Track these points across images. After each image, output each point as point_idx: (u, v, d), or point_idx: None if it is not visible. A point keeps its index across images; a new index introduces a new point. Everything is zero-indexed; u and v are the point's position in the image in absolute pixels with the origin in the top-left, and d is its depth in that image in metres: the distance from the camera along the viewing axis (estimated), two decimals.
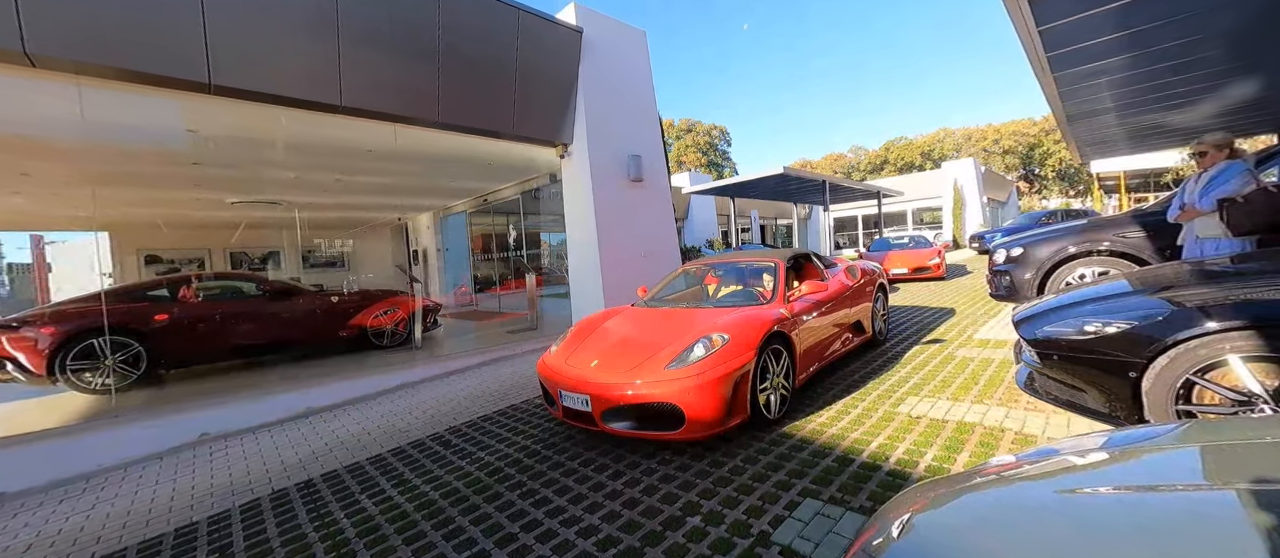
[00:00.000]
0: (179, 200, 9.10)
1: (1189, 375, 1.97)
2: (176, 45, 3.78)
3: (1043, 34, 4.32)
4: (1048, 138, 39.50)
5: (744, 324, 3.06)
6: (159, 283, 6.08)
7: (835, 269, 4.69)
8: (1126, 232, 4.40)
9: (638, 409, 2.76)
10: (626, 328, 3.51)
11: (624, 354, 3.07)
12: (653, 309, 3.93)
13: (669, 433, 2.67)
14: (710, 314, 3.42)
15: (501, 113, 5.96)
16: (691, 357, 2.80)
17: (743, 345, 2.87)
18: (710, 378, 2.67)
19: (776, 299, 3.57)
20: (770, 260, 4.11)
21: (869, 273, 4.94)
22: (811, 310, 3.66)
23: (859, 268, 4.84)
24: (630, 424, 2.78)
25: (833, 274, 4.51)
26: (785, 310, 3.37)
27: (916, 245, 11.47)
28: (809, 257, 4.60)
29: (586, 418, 2.90)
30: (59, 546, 2.55)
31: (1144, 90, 6.03)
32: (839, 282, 4.35)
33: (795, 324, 3.37)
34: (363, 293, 7.28)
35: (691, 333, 3.04)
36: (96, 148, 5.51)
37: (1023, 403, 3.09)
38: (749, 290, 4.06)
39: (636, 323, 3.58)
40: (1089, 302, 2.46)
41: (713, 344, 2.85)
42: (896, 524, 1.06)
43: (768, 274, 4.00)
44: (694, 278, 4.75)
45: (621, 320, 3.70)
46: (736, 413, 2.79)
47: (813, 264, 4.56)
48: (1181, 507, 0.94)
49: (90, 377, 4.94)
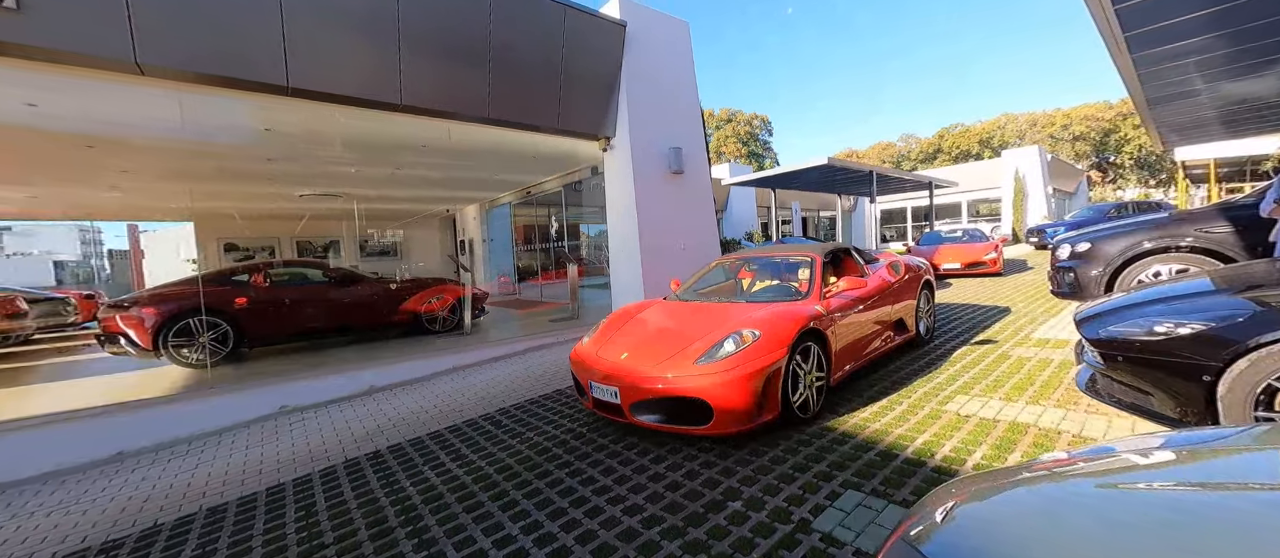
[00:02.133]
0: (254, 194, 9.89)
1: (1271, 381, 1.85)
2: (260, 53, 4.14)
3: (1120, 12, 4.03)
4: (1126, 122, 36.25)
5: (777, 320, 3.01)
6: (240, 269, 6.67)
7: (877, 265, 4.56)
8: (1211, 226, 4.07)
9: (666, 403, 2.78)
10: (658, 321, 3.52)
11: (654, 347, 3.08)
12: (685, 303, 3.91)
13: (697, 428, 2.69)
14: (743, 309, 3.39)
15: (547, 108, 6.13)
16: (722, 352, 2.79)
17: (775, 342, 2.83)
18: (740, 374, 2.66)
19: (812, 295, 3.50)
20: (807, 255, 4.02)
21: (913, 269, 4.77)
22: (849, 308, 3.58)
23: (903, 264, 4.68)
24: (659, 418, 2.81)
25: (874, 270, 4.38)
26: (821, 307, 3.30)
27: (970, 239, 10.90)
28: (848, 251, 4.50)
29: (615, 410, 2.94)
30: (173, 498, 2.93)
31: (1235, 70, 5.48)
32: (880, 278, 4.22)
33: (831, 322, 3.30)
34: (415, 280, 7.71)
35: (723, 328, 3.03)
36: (188, 147, 6.10)
37: (1083, 405, 2.95)
38: (785, 286, 4.02)
39: (668, 316, 3.58)
40: (1159, 301, 2.34)
41: (744, 340, 2.83)
42: (939, 512, 1.09)
43: (804, 269, 3.94)
44: (728, 272, 4.72)
45: (654, 313, 3.71)
46: (767, 410, 2.77)
47: (852, 259, 4.46)
48: (1248, 507, 0.91)
49: (187, 352, 5.54)
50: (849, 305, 3.59)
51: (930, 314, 4.96)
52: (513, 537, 2.17)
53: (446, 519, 2.37)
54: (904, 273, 4.51)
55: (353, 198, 10.98)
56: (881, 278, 4.23)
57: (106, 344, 5.56)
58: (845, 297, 3.61)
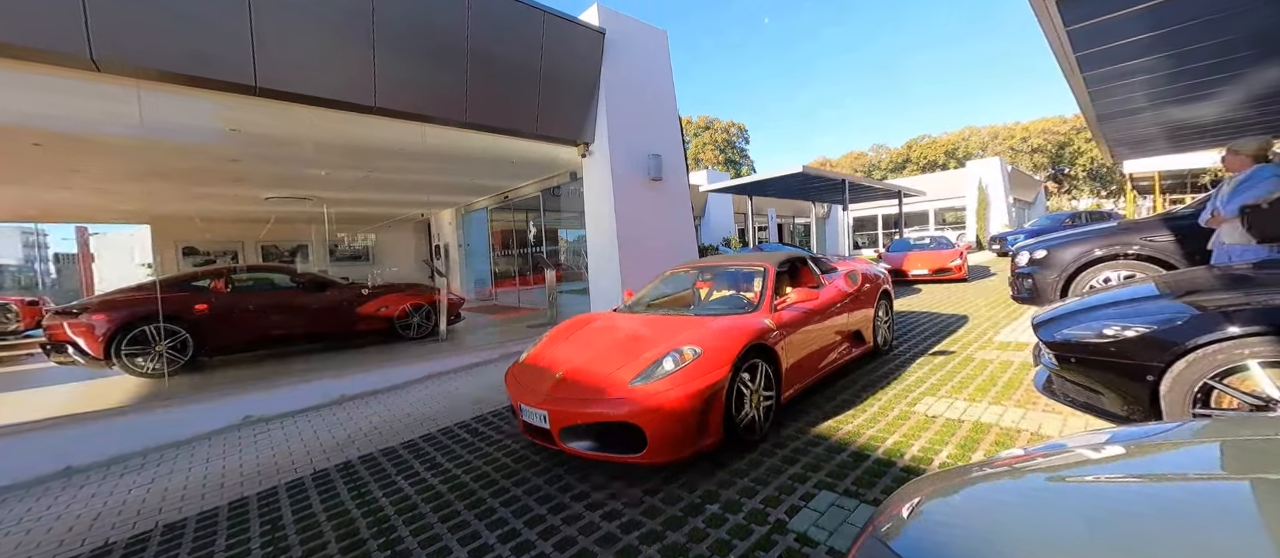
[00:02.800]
0: (217, 195, 9.51)
1: (1207, 380, 1.99)
2: (227, 51, 4.01)
3: (1071, 34, 4.27)
4: (1079, 136, 38.26)
5: (720, 336, 2.83)
6: (200, 274, 6.40)
7: (834, 275, 4.43)
8: (1156, 235, 4.34)
9: (597, 428, 2.54)
10: (601, 335, 3.30)
11: (591, 365, 2.84)
12: (634, 315, 3.70)
13: (630, 456, 2.44)
14: (688, 323, 3.18)
15: (525, 112, 6.11)
16: (658, 371, 2.57)
17: (716, 360, 2.63)
18: (676, 396, 2.43)
19: (762, 308, 3.31)
20: (759, 265, 3.83)
21: (872, 278, 4.64)
22: (801, 321, 3.41)
23: (860, 273, 4.47)
24: (590, 445, 2.55)
25: (831, 280, 4.26)
26: (770, 321, 3.13)
27: (938, 246, 11.31)
28: (805, 260, 4.33)
29: (545, 435, 2.68)
30: (126, 515, 2.78)
31: (1179, 89, 5.88)
32: (836, 288, 4.08)
33: (782, 336, 3.13)
34: (388, 286, 7.53)
35: (665, 343, 2.81)
36: (146, 146, 5.84)
37: (1041, 405, 3.10)
38: (736, 297, 3.83)
39: (613, 330, 3.36)
40: (1110, 305, 2.48)
41: (683, 358, 2.62)
42: (906, 509, 1.13)
43: (757, 280, 3.73)
44: (683, 281, 4.54)
45: (599, 326, 3.49)
46: (707, 435, 2.56)
47: (808, 269, 4.29)
48: (1187, 497, 0.97)
49: (143, 361, 5.27)
50: (801, 318, 3.42)
51: (889, 325, 4.83)
52: (490, 546, 2.14)
53: (421, 530, 2.32)
54: (861, 282, 4.31)
55: (323, 201, 10.67)
56: (837, 288, 4.09)
57: (52, 354, 5.24)
58: (797, 309, 3.45)
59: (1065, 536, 0.92)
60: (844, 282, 4.23)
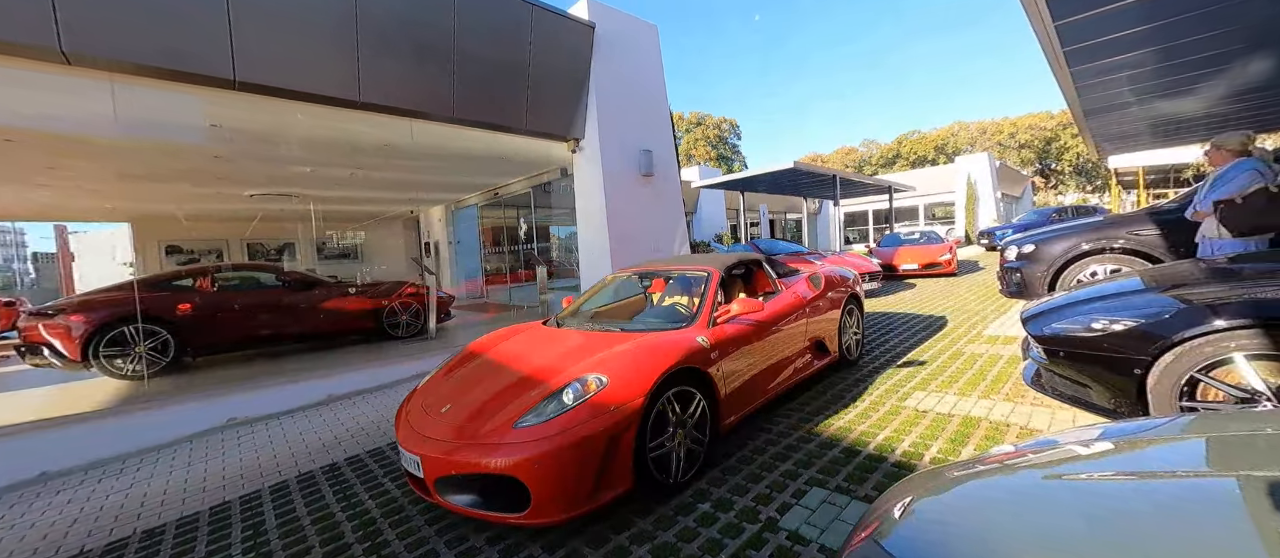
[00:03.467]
0: (199, 193, 9.32)
1: (1193, 373, 2.00)
2: (204, 44, 3.90)
3: (1059, 29, 4.29)
4: (1065, 132, 38.74)
5: (635, 360, 2.37)
6: (183, 273, 6.27)
7: (795, 277, 4.03)
8: (1141, 229, 4.38)
9: (475, 481, 2.06)
10: (510, 357, 2.84)
11: (484, 398, 2.39)
12: (558, 331, 3.24)
13: (512, 515, 1.98)
14: (610, 342, 2.72)
15: (514, 108, 6.03)
16: (550, 409, 2.12)
17: (627, 390, 2.19)
18: (567, 440, 1.99)
19: (698, 322, 2.86)
20: (703, 270, 3.38)
21: (837, 282, 4.23)
22: (747, 334, 2.97)
23: (824, 276, 4.12)
24: (471, 499, 2.08)
25: (791, 283, 3.86)
26: (705, 338, 2.70)
27: (928, 241, 11.39)
28: (759, 262, 3.90)
29: (422, 485, 2.20)
30: (102, 521, 2.70)
31: (1165, 84, 5.94)
32: (793, 295, 3.64)
33: (719, 354, 2.70)
34: (376, 284, 7.44)
35: (567, 371, 2.38)
36: (124, 142, 5.69)
37: (1030, 399, 3.12)
38: (674, 308, 3.41)
39: (526, 350, 2.90)
40: (1097, 299, 2.49)
41: (586, 390, 2.17)
42: (898, 508, 1.12)
43: (697, 287, 3.29)
44: (626, 287, 4.10)
45: (511, 346, 3.02)
46: (611, 484, 2.10)
47: (763, 272, 3.87)
48: (1177, 493, 0.97)
49: (122, 363, 5.14)
50: (747, 332, 2.98)
51: (858, 331, 4.38)
52: (478, 549, 2.11)
53: (408, 533, 2.28)
54: (824, 286, 3.96)
55: (309, 198, 10.50)
56: (795, 294, 3.67)
57: (27, 356, 5.11)
58: (742, 321, 3.00)
59: (1058, 534, 0.92)
60: (805, 286, 3.86)
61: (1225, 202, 3.18)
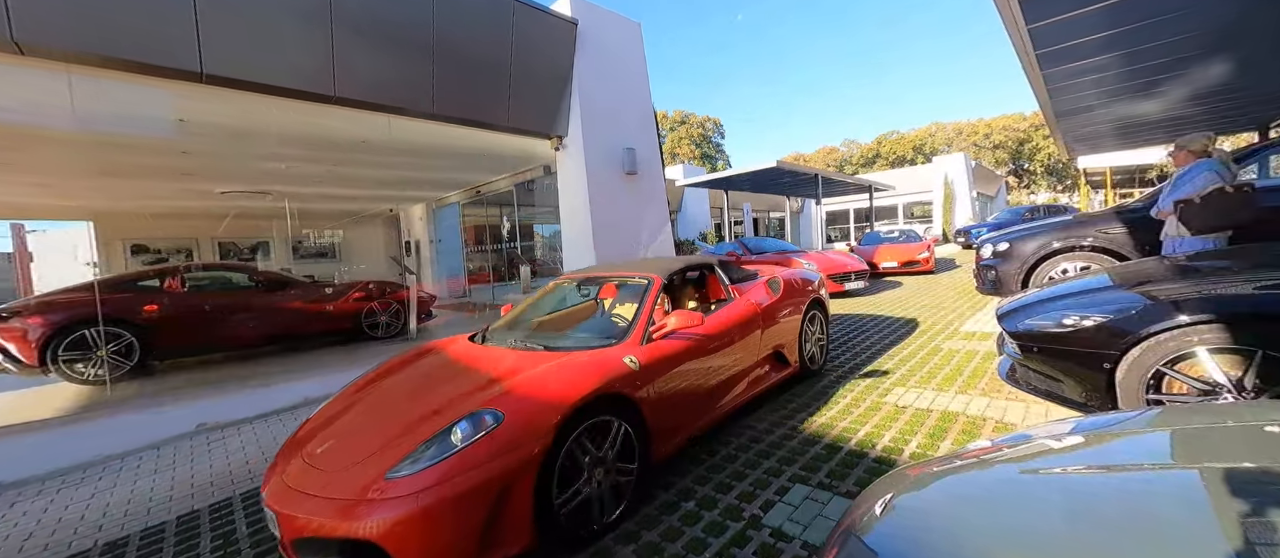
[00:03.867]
0: (167, 190, 8.98)
1: (1159, 367, 2.07)
2: (168, 34, 3.74)
3: (1032, 32, 4.40)
4: (1037, 133, 39.91)
5: (542, 389, 2.03)
6: (149, 273, 6.04)
7: (752, 282, 3.72)
8: (1109, 228, 4.53)
9: (333, 546, 1.69)
10: (410, 384, 2.50)
11: (366, 436, 2.01)
12: (481, 347, 2.85)
13: None
14: (525, 364, 2.35)
15: (496, 104, 5.95)
16: (429, 454, 1.75)
17: (526, 428, 1.85)
18: (444, 494, 1.65)
19: (630, 338, 2.55)
20: (644, 276, 3.05)
21: (798, 286, 3.88)
22: (687, 351, 2.66)
23: (783, 280, 3.78)
24: None
25: (748, 288, 3.56)
26: (635, 357, 2.38)
27: (907, 239, 11.63)
28: (711, 268, 3.59)
29: (279, 544, 1.85)
30: (60, 534, 2.58)
31: (1129, 88, 6.16)
32: (746, 304, 3.32)
33: (653, 375, 2.40)
34: (353, 283, 7.28)
35: (463, 403, 2.00)
36: (84, 137, 5.43)
37: (1005, 393, 3.20)
38: (607, 321, 3.14)
39: (431, 373, 2.57)
40: (1068, 296, 2.56)
41: (476, 429, 1.80)
42: (879, 504, 1.13)
43: (641, 296, 2.90)
44: (566, 295, 3.75)
45: (422, 366, 2.71)
46: (501, 543, 1.77)
47: (715, 279, 3.54)
48: (1144, 485, 1.01)
49: (83, 367, 4.93)
50: (686, 348, 2.66)
51: (822, 339, 4.07)
52: None
53: None
54: (783, 292, 3.65)
55: (284, 196, 10.20)
56: (748, 303, 3.35)
57: None
58: (681, 336, 2.67)
59: (1033, 527, 0.94)
60: (761, 292, 3.55)
61: (1185, 201, 3.30)
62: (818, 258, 8.78)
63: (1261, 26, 4.46)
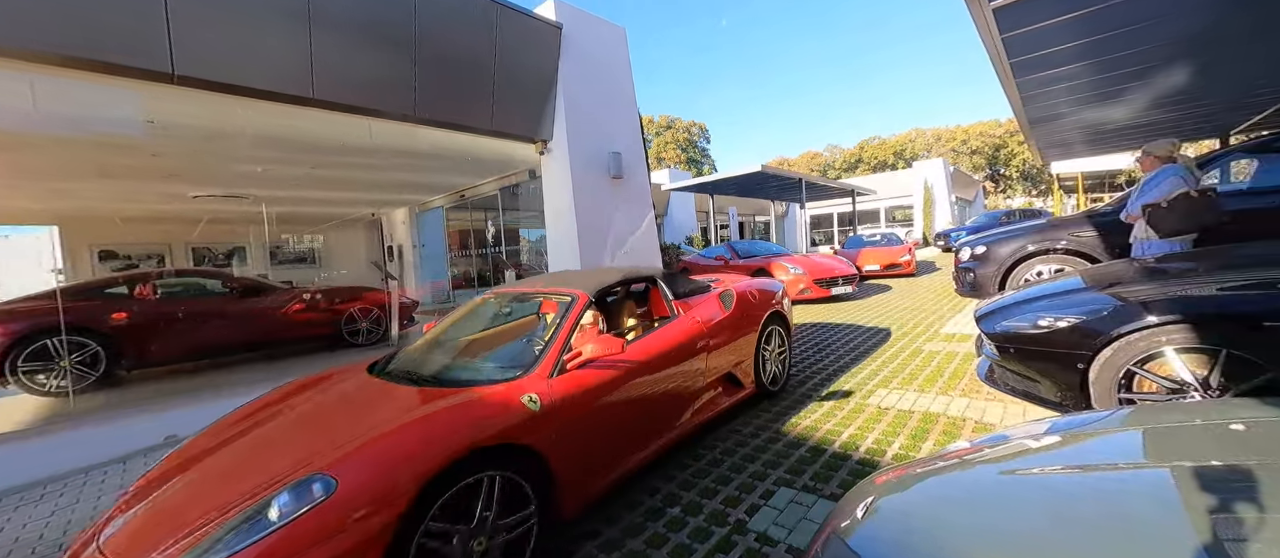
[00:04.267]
0: (137, 193, 8.69)
1: (1130, 366, 2.12)
2: (137, 33, 3.63)
3: (1006, 41, 4.52)
4: (1012, 139, 41.02)
5: (395, 448, 1.62)
6: (116, 280, 5.83)
7: (702, 295, 3.34)
8: (1080, 231, 4.66)
9: None
10: (265, 432, 2.04)
11: (183, 506, 1.62)
12: (371, 380, 2.39)
13: None
14: (395, 406, 1.99)
15: (479, 108, 5.89)
16: (231, 539, 1.38)
17: (372, 499, 1.48)
18: None
19: (537, 369, 2.13)
20: (569, 293, 2.64)
21: (755, 299, 3.52)
22: (609, 383, 2.27)
23: (737, 293, 3.41)
24: None
25: (697, 302, 3.19)
26: (538, 395, 1.99)
27: (888, 242, 11.84)
28: (654, 281, 3.18)
29: None
30: (17, 554, 2.46)
31: (1099, 95, 6.36)
32: (690, 323, 2.94)
33: (560, 416, 2.01)
34: (334, 289, 7.13)
35: (297, 467, 1.59)
36: (46, 139, 5.23)
37: (984, 394, 3.25)
38: (519, 347, 2.72)
39: (303, 418, 2.10)
40: (1044, 298, 2.62)
41: (305, 499, 1.44)
42: (861, 507, 1.13)
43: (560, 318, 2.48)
44: (488, 313, 3.26)
45: (289, 407, 2.26)
46: None
47: (659, 294, 3.15)
48: (1118, 484, 1.03)
49: (45, 379, 4.73)
50: (607, 380, 2.27)
51: (784, 354, 3.72)
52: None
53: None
54: (736, 307, 3.30)
55: (260, 200, 9.96)
56: (692, 321, 2.97)
57: None
58: (603, 364, 2.28)
59: (1012, 526, 0.96)
60: (711, 307, 3.19)
61: (1152, 205, 3.41)
62: (804, 262, 8.63)
63: (1223, 37, 4.65)
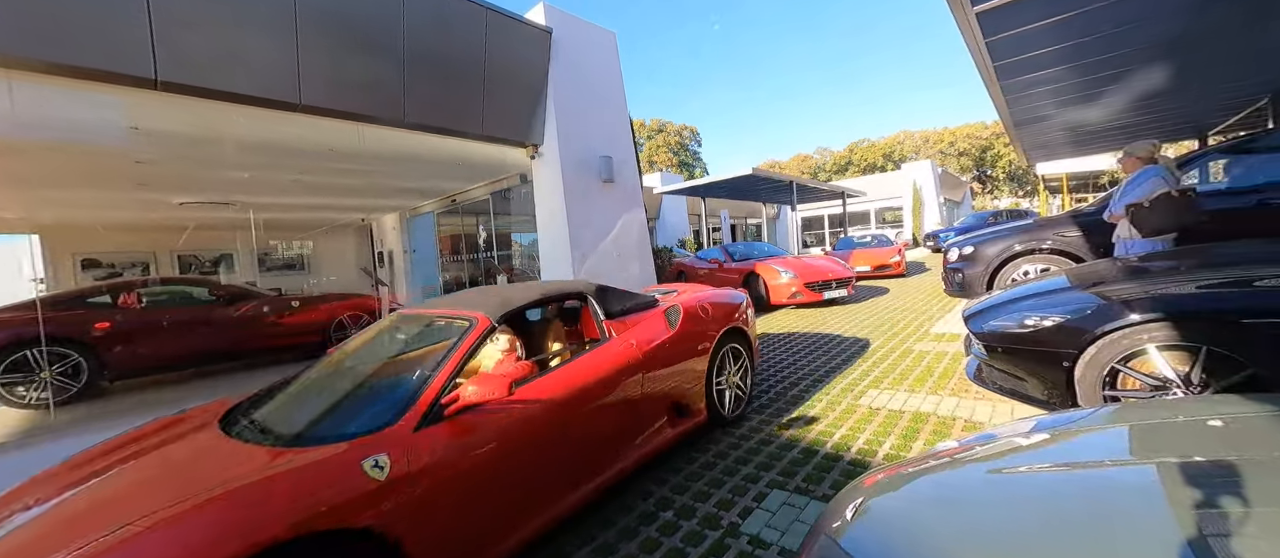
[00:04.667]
0: (120, 201, 8.56)
1: (1114, 364, 2.15)
2: (119, 39, 3.58)
3: (990, 45, 4.60)
4: (999, 141, 41.64)
5: (175, 536, 1.25)
6: (99, 289, 5.72)
7: (646, 311, 2.89)
8: (1065, 231, 4.73)
9: None
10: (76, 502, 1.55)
11: None
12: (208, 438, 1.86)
13: None
14: (210, 475, 1.49)
15: (470, 113, 5.88)
16: None
17: None
18: None
19: (401, 421, 1.70)
20: (467, 316, 2.24)
21: (708, 314, 3.09)
22: (499, 430, 1.86)
23: (685, 308, 2.97)
24: None
25: (638, 320, 2.76)
26: (382, 461, 1.55)
27: (879, 244, 11.95)
28: (583, 298, 2.74)
29: None
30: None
31: (1080, 98, 6.48)
32: (622, 348, 2.50)
33: (426, 481, 1.60)
34: (322, 296, 7.05)
35: None
36: (25, 145, 5.14)
37: (973, 393, 3.28)
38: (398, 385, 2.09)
39: (105, 488, 1.61)
40: (1030, 297, 2.65)
41: None
42: (852, 508, 1.14)
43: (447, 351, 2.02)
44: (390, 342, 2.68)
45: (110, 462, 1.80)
46: None
47: (589, 313, 2.71)
48: (1104, 481, 1.04)
49: (24, 390, 4.62)
50: (500, 429, 1.86)
51: (744, 378, 3.27)
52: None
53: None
54: (683, 325, 2.86)
55: (248, 206, 9.84)
56: (625, 346, 2.52)
57: None
58: (489, 411, 1.85)
59: (1001, 525, 0.97)
60: (654, 327, 2.76)
61: (1135, 205, 3.47)
62: (796, 264, 8.26)
63: (1200, 40, 4.76)
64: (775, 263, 8.26)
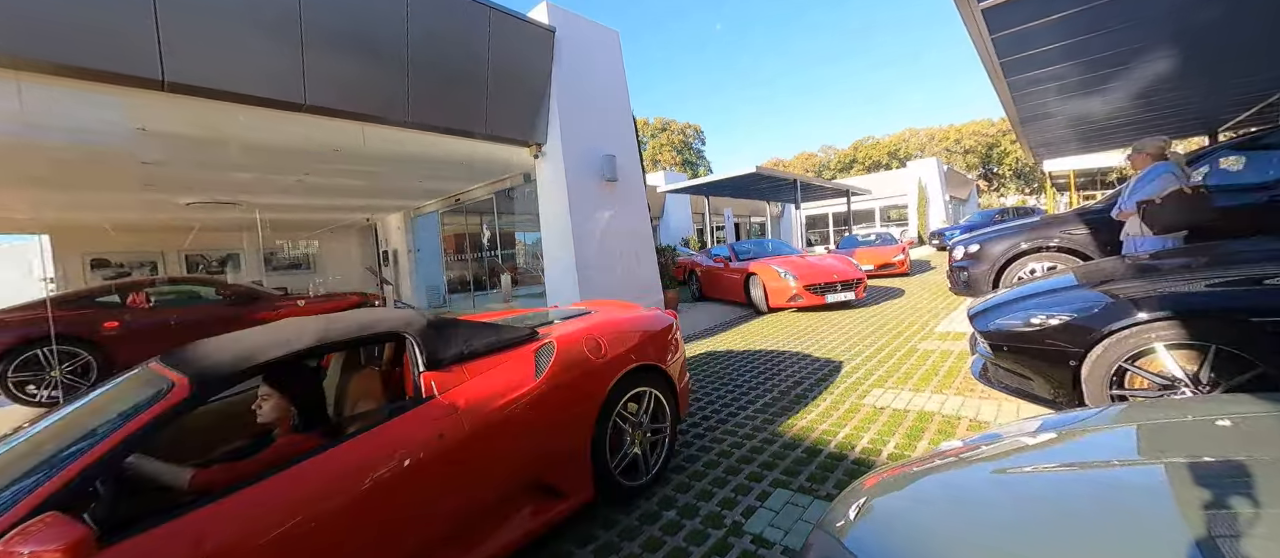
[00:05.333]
0: (128, 201, 8.63)
1: (1121, 363, 2.13)
2: (127, 40, 3.60)
3: (995, 41, 4.55)
4: (1005, 138, 41.32)
5: None
6: (108, 288, 5.78)
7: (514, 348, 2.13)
8: (1072, 229, 4.69)
9: None
10: None
11: None
12: None
13: None
14: None
15: (473, 112, 5.89)
16: None
17: None
18: None
19: None
20: (166, 375, 1.67)
21: (605, 347, 2.31)
22: None
23: (562, 345, 2.19)
24: None
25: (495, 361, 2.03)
26: None
27: (883, 242, 11.88)
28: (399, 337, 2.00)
29: None
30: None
31: (1087, 94, 6.41)
32: (420, 422, 1.73)
33: None
34: (327, 296, 7.10)
35: None
36: (36, 146, 5.19)
37: (978, 392, 3.26)
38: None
39: None
40: (1035, 295, 2.63)
41: None
42: (854, 508, 1.13)
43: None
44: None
45: None
46: None
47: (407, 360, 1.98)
48: (1112, 481, 1.03)
49: (34, 389, 4.68)
50: None
51: (659, 434, 2.51)
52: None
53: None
54: (552, 371, 2.08)
55: (254, 206, 9.91)
56: (427, 419, 1.75)
57: None
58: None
59: (1006, 525, 0.96)
60: (513, 372, 2.03)
61: (1146, 202, 3.43)
62: (797, 264, 7.60)
63: (1208, 34, 4.70)
64: (775, 263, 7.70)
